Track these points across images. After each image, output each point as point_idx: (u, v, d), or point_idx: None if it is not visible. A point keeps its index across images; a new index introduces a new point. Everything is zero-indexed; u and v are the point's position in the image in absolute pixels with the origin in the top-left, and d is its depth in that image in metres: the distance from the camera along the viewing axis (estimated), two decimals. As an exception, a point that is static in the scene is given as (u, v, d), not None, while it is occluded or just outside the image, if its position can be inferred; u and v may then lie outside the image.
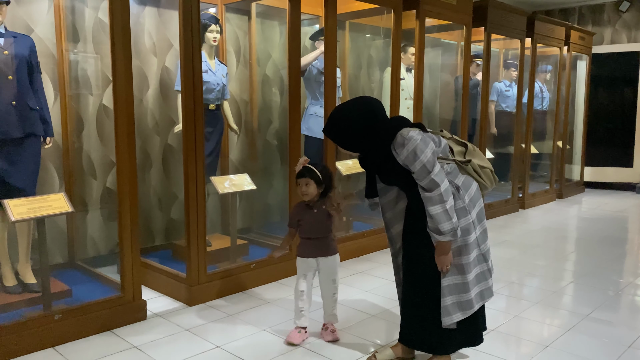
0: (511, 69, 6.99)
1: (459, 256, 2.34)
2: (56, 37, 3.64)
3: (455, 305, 2.36)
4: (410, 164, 2.22)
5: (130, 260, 3.03)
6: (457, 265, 2.34)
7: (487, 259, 2.46)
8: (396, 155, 2.26)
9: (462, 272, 2.35)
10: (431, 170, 2.20)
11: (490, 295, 2.50)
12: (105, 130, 3.96)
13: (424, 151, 2.20)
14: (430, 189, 2.21)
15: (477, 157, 2.46)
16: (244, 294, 3.55)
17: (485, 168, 2.47)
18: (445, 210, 2.20)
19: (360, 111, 2.31)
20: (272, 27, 4.99)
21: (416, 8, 4.85)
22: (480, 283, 2.44)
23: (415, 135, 2.22)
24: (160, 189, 4.36)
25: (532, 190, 6.98)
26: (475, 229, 2.38)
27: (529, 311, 3.33)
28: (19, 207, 2.73)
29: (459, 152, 2.44)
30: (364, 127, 2.29)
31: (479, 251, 2.41)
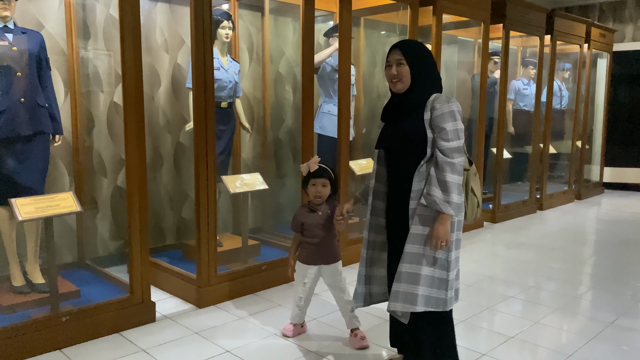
0: (529, 66, 6.84)
1: (421, 244, 2.15)
2: (67, 33, 3.60)
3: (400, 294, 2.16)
4: (444, 122, 2.11)
5: (139, 261, 2.97)
6: (415, 252, 2.15)
7: (450, 268, 2.19)
8: (427, 113, 2.15)
9: (418, 261, 2.15)
10: (460, 137, 2.12)
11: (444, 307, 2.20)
12: (116, 128, 3.91)
13: (460, 119, 2.15)
14: (454, 156, 2.09)
15: (475, 184, 2.30)
16: (255, 296, 3.47)
17: (476, 198, 2.30)
18: (460, 184, 2.11)
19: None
20: (285, 24, 4.91)
21: (433, 4, 4.74)
22: (432, 289, 2.19)
23: (457, 105, 2.17)
24: (171, 188, 4.31)
25: (550, 191, 6.82)
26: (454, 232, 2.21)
27: (548, 318, 3.21)
28: (26, 207, 2.68)
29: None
30: (433, 63, 2.25)
31: (445, 255, 2.19)
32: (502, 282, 3.90)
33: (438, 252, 2.16)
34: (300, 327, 2.90)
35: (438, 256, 2.16)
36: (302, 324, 2.92)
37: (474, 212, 2.31)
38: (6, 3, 2.86)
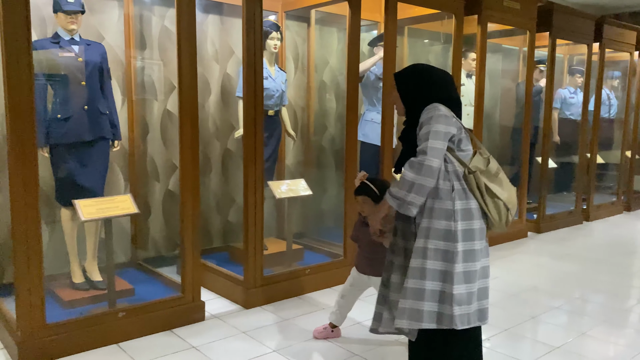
0: (576, 75, 6.72)
1: (423, 258, 2.07)
2: (125, 44, 3.80)
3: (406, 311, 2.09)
4: (420, 129, 2.06)
5: (190, 262, 3.10)
6: (419, 267, 2.08)
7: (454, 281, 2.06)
8: (420, 123, 2.09)
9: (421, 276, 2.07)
10: (432, 139, 2.01)
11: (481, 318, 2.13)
12: (169, 135, 4.09)
13: (441, 122, 2.04)
14: (418, 155, 2.02)
15: (496, 184, 2.11)
16: (299, 299, 3.56)
17: (500, 200, 2.10)
18: (421, 185, 2.00)
19: (441, 76, 2.22)
20: (330, 34, 5.01)
21: (478, 13, 4.75)
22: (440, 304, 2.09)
23: (446, 112, 2.07)
24: (219, 193, 4.46)
25: (598, 202, 6.67)
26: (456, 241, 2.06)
27: (595, 330, 3.17)
28: (88, 207, 2.86)
29: (475, 166, 2.11)
30: (432, 85, 2.17)
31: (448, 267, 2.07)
32: (546, 292, 3.86)
33: (441, 264, 2.05)
34: (331, 330, 2.95)
35: (441, 269, 2.05)
36: (334, 328, 2.95)
37: (502, 217, 2.11)
38: (73, 17, 3.06)
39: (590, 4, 7.80)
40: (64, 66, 3.05)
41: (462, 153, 2.12)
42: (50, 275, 3.41)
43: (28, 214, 2.48)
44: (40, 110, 2.96)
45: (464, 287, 2.06)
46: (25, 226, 2.49)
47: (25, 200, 2.47)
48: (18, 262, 2.49)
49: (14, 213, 2.46)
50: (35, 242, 2.52)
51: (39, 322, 2.57)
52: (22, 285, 2.51)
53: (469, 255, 2.07)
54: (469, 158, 2.13)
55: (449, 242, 2.05)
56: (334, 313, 2.94)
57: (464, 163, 2.10)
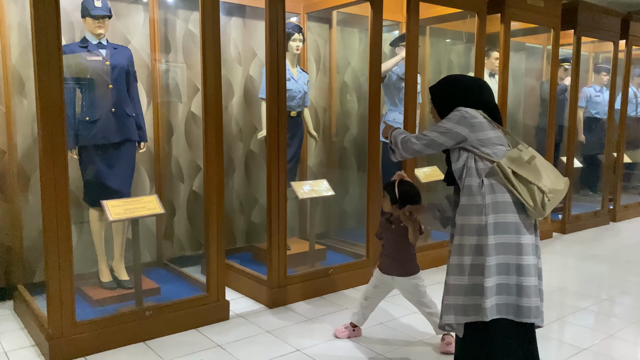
0: (602, 73, 6.61)
1: (460, 255, 2.15)
2: (150, 47, 3.86)
3: (447, 307, 2.17)
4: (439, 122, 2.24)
5: (215, 262, 3.14)
6: (455, 264, 2.17)
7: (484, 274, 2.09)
8: None
9: (460, 272, 2.15)
10: (435, 131, 2.21)
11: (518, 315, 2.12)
12: (193, 136, 4.14)
13: (457, 122, 2.16)
14: (418, 136, 2.27)
15: (529, 171, 2.11)
16: (322, 299, 3.58)
17: (532, 184, 2.08)
18: (403, 143, 2.30)
19: (474, 82, 2.31)
20: (351, 35, 5.02)
21: (501, 12, 4.71)
22: (465, 296, 2.14)
23: (471, 113, 2.16)
24: (242, 193, 4.50)
25: (625, 202, 6.54)
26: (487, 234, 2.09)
27: (624, 331, 3.11)
28: (116, 208, 2.91)
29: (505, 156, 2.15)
30: (464, 92, 2.25)
31: (480, 260, 2.10)
32: (573, 293, 3.81)
33: (475, 259, 2.10)
34: (352, 330, 2.96)
35: (476, 263, 2.10)
36: (355, 328, 2.96)
37: (536, 202, 2.08)
38: (101, 22, 3.13)
39: (615, 0, 7.65)
40: (92, 70, 3.12)
41: (493, 150, 2.15)
42: (79, 274, 3.47)
43: (59, 215, 2.54)
44: (69, 113, 3.03)
45: (495, 279, 2.09)
46: (56, 227, 2.55)
47: (56, 201, 2.53)
48: (49, 261, 2.55)
49: (45, 214, 2.53)
50: (66, 242, 2.58)
51: (69, 320, 2.63)
52: (53, 284, 2.57)
53: (502, 248, 2.09)
54: (502, 155, 2.16)
55: (481, 236, 2.10)
56: (356, 314, 2.94)
57: (491, 159, 2.13)
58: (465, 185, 2.15)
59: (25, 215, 3.43)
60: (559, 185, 2.14)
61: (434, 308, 2.77)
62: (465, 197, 2.15)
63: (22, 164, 3.43)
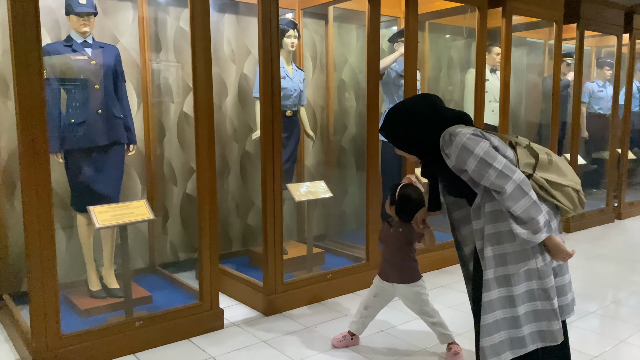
0: (605, 67, 6.48)
1: (507, 286, 1.97)
2: (140, 46, 3.73)
3: (505, 342, 1.98)
4: (465, 164, 1.89)
5: (208, 268, 3.01)
6: (503, 296, 1.98)
7: (551, 296, 1.97)
8: (448, 161, 1.97)
9: (510, 304, 1.97)
10: (492, 163, 1.85)
11: (554, 340, 2.02)
12: (186, 137, 4.01)
13: (478, 144, 1.88)
14: (501, 186, 1.83)
15: (554, 172, 2.02)
16: (321, 305, 3.45)
17: (566, 187, 2.01)
18: (534, 202, 1.84)
19: (421, 103, 2.08)
20: (349, 31, 4.89)
21: (502, 5, 4.57)
22: (539, 322, 2.00)
23: (464, 130, 1.92)
24: (237, 195, 4.37)
25: (629, 199, 6.41)
26: (536, 256, 1.95)
27: (635, 337, 2.99)
28: (103, 214, 2.78)
29: (526, 165, 1.99)
30: (422, 121, 2.03)
31: (539, 284, 1.97)
32: (581, 296, 3.67)
33: (528, 285, 1.97)
34: (350, 338, 2.82)
35: (532, 288, 1.98)
36: (353, 336, 2.82)
37: (574, 202, 2.03)
38: (86, 19, 2.99)
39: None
40: (77, 70, 2.99)
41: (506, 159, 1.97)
42: (67, 282, 3.36)
43: (41, 223, 2.41)
44: (53, 115, 2.90)
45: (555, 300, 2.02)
46: (39, 235, 2.41)
47: (38, 208, 2.40)
48: (32, 272, 2.42)
49: (26, 221, 2.40)
50: (49, 251, 2.45)
51: (53, 334, 2.50)
52: (36, 296, 2.44)
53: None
54: (515, 161, 2.00)
55: (529, 260, 1.96)
56: (355, 322, 2.81)
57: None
58: (489, 211, 1.94)
59: (12, 222, 3.30)
60: (576, 176, 2.08)
61: (437, 317, 2.64)
62: (493, 225, 1.94)
63: (8, 169, 3.30)
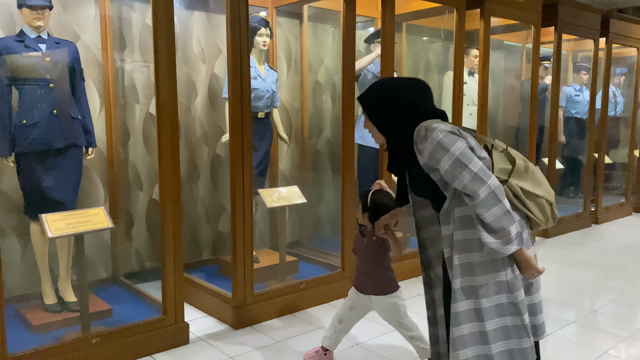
0: (582, 72, 6.47)
1: (474, 298, 1.81)
2: (102, 43, 3.53)
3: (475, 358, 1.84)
4: (438, 162, 1.74)
5: (172, 280, 2.82)
6: (471, 309, 1.82)
7: (521, 311, 1.81)
8: (419, 157, 1.81)
9: (478, 318, 1.82)
10: (469, 164, 1.71)
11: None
12: (152, 140, 3.81)
13: (455, 142, 1.73)
14: (474, 190, 1.69)
15: (529, 181, 1.87)
16: (294, 317, 3.28)
17: (540, 197, 1.86)
18: (507, 210, 1.70)
19: (413, 86, 1.94)
20: (324, 31, 4.74)
21: (480, 7, 4.48)
22: (509, 340, 1.84)
23: (442, 126, 1.77)
24: (208, 201, 4.18)
25: (606, 204, 6.39)
26: (506, 268, 1.80)
27: (618, 348, 2.89)
28: (57, 222, 2.58)
29: (501, 170, 1.85)
30: (404, 104, 1.87)
31: (509, 298, 1.81)
32: (561, 305, 3.58)
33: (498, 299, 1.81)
34: (323, 354, 2.64)
35: (502, 302, 1.82)
36: (327, 352, 2.65)
37: (547, 215, 1.87)
38: (39, 13, 2.78)
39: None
40: (30, 67, 2.77)
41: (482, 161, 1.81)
42: (21, 295, 3.13)
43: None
44: (3, 116, 2.69)
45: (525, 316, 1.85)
46: (-19, 246, 2.21)
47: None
48: (-27, 286, 2.21)
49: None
50: (-7, 264, 2.23)
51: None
52: (-23, 312, 2.23)
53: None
54: (489, 164, 1.84)
55: (499, 272, 1.80)
56: (328, 337, 2.64)
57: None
58: (459, 216, 1.79)
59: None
60: (550, 188, 1.91)
61: (415, 331, 2.49)
62: (462, 232, 1.79)
63: (-45, 173, 3.07)
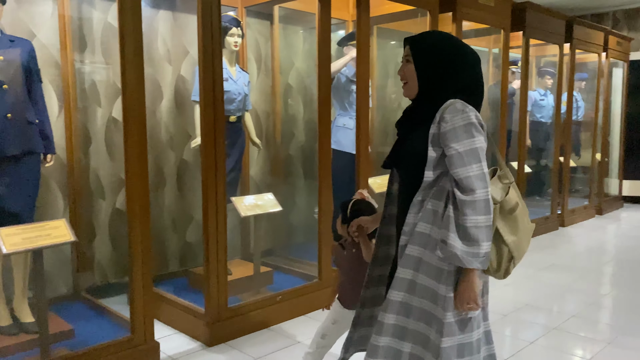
0: (546, 76, 6.57)
1: (410, 293, 1.70)
2: (60, 43, 3.29)
3: (384, 349, 1.72)
4: (455, 141, 1.58)
5: (141, 296, 2.62)
6: (404, 302, 1.71)
7: (443, 333, 1.65)
8: (435, 126, 1.64)
9: (405, 312, 1.72)
10: (482, 162, 1.57)
11: None
12: (115, 145, 3.58)
13: (481, 137, 1.60)
14: (473, 187, 1.54)
15: (507, 223, 1.71)
16: (270, 331, 3.12)
17: (505, 245, 1.69)
18: (489, 226, 1.55)
19: (476, 55, 1.76)
20: (294, 33, 4.61)
21: (453, 10, 4.45)
22: (416, 346, 1.72)
23: (479, 116, 1.65)
24: (174, 209, 3.97)
25: (571, 206, 6.49)
26: (447, 283, 1.66)
27: (604, 353, 2.86)
28: (12, 237, 2.34)
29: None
30: (466, 68, 1.71)
31: (439, 314, 1.68)
32: (543, 310, 3.55)
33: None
34: None
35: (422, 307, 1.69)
36: None
37: (501, 266, 1.67)
38: (-9, 8, 2.55)
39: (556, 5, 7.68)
40: (-20, 66, 2.53)
41: None
42: (-29, 316, 2.86)
43: None
44: (-50, 120, 2.43)
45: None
46: None
47: None
48: None
49: None
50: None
51: (-55, 386, 2.04)
52: None
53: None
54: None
55: (440, 284, 1.65)
56: (311, 354, 2.47)
57: None
58: (430, 209, 1.65)
59: None
60: (525, 244, 1.72)
61: None
62: (426, 225, 1.66)
63: None
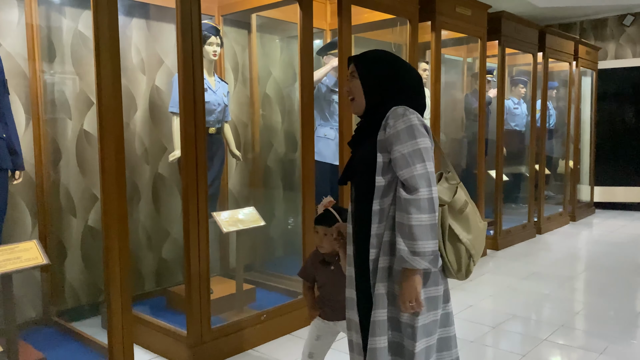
0: (519, 85, 6.63)
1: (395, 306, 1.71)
2: (28, 52, 3.11)
3: None
4: (399, 144, 1.62)
5: (119, 319, 2.46)
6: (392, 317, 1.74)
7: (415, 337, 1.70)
8: (382, 132, 1.68)
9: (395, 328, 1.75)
10: (426, 162, 1.61)
11: None
12: (87, 160, 3.41)
13: (425, 138, 1.64)
14: (417, 186, 1.58)
15: (459, 223, 1.73)
16: (256, 352, 2.99)
17: (461, 244, 1.71)
18: (433, 225, 1.58)
19: (414, 71, 1.83)
20: (272, 42, 4.52)
21: (431, 19, 4.44)
22: (395, 357, 1.75)
23: (421, 118, 1.69)
24: (149, 225, 3.80)
25: (546, 214, 6.55)
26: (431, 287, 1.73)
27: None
28: (-22, 261, 2.16)
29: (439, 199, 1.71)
30: (406, 80, 1.76)
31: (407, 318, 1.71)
32: (530, 321, 3.51)
33: (402, 316, 1.70)
34: None
35: (402, 320, 1.71)
36: None
37: (462, 266, 1.72)
38: (-47, 14, 2.37)
39: (525, 14, 7.80)
40: (-58, 77, 2.35)
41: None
42: None
43: None
44: None
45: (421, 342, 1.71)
46: None
47: None
48: None
49: None
50: None
51: None
52: None
53: (432, 302, 1.74)
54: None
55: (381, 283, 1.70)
56: None
57: None
58: (391, 215, 1.67)
59: None
60: (480, 241, 1.75)
61: None
62: (390, 233, 1.68)
63: None
